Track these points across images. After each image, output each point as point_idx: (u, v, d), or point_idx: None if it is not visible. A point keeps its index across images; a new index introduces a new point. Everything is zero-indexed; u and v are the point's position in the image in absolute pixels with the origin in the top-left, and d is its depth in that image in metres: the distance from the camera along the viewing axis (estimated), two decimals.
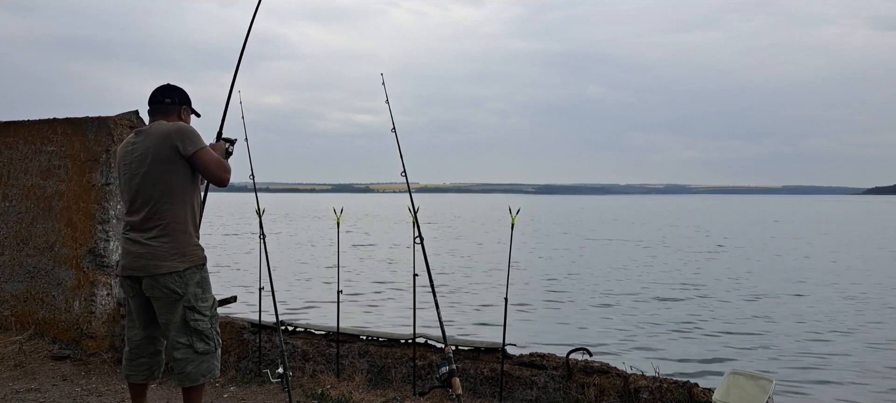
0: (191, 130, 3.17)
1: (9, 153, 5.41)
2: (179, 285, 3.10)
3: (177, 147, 3.08)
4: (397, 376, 4.53)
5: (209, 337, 3.19)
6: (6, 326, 5.33)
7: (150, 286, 3.11)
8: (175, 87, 3.32)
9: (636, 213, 68.68)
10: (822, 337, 9.50)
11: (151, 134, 3.14)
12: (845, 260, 20.84)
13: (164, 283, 3.08)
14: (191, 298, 3.14)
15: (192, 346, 3.14)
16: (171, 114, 3.26)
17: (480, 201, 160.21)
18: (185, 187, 3.15)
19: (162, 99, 3.27)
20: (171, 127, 3.15)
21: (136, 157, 3.14)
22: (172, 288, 3.09)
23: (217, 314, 3.30)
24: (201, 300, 3.18)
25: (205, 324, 3.18)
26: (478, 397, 4.32)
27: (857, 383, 7.22)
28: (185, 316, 3.13)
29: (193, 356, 3.14)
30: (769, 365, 7.84)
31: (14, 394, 4.29)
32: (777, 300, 12.86)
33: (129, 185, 3.16)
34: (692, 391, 3.90)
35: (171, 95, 3.29)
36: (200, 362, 3.16)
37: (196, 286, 3.16)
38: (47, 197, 5.25)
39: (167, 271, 3.08)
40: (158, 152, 3.09)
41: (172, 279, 3.09)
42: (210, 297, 3.24)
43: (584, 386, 4.11)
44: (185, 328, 3.14)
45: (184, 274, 3.11)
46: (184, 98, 3.33)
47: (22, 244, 5.33)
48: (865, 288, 14.72)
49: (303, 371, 4.67)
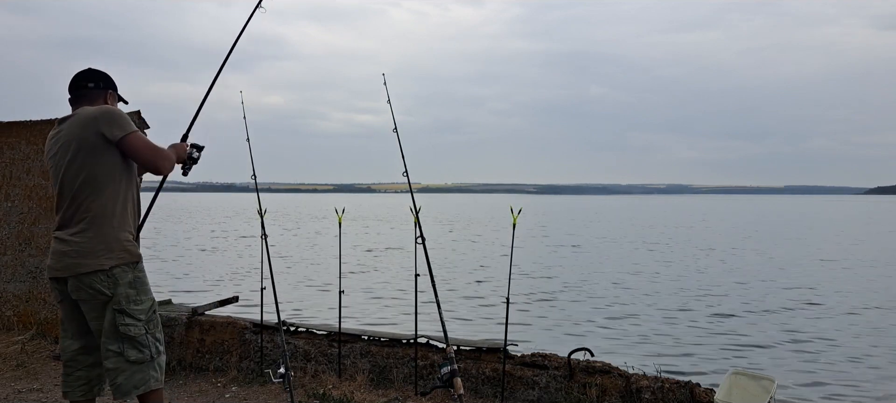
0: (118, 113, 2.87)
1: (11, 153, 5.42)
2: (107, 285, 2.79)
3: (103, 132, 2.79)
4: (399, 376, 4.53)
5: (143, 345, 2.85)
6: (8, 326, 5.34)
7: (75, 287, 2.80)
8: (98, 72, 3.03)
9: (637, 213, 68.65)
10: (823, 337, 9.48)
11: (74, 121, 2.85)
12: (848, 260, 20.80)
13: (89, 283, 2.78)
14: (121, 300, 2.82)
15: (122, 354, 2.82)
16: (96, 100, 2.97)
17: (482, 201, 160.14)
18: (113, 177, 2.84)
19: (84, 83, 2.97)
20: (95, 111, 2.85)
21: (59, 147, 2.86)
22: (98, 289, 2.79)
23: (156, 319, 2.95)
24: (134, 302, 2.85)
25: (137, 330, 2.84)
26: (479, 397, 4.32)
27: (858, 383, 7.20)
28: (114, 320, 2.81)
29: (125, 365, 2.82)
30: (771, 366, 7.83)
31: (16, 394, 4.29)
32: (778, 300, 12.84)
33: (56, 176, 2.87)
34: (694, 391, 3.89)
35: (94, 79, 2.99)
36: (133, 372, 2.83)
37: (128, 286, 2.84)
38: (49, 197, 5.26)
39: (91, 269, 2.77)
40: (82, 139, 2.80)
41: (98, 278, 2.78)
42: (146, 300, 2.91)
43: (586, 386, 4.11)
44: (114, 334, 2.81)
45: (111, 273, 2.80)
46: (109, 82, 3.03)
47: (24, 244, 5.34)
48: (869, 287, 14.70)
49: (304, 371, 4.67)
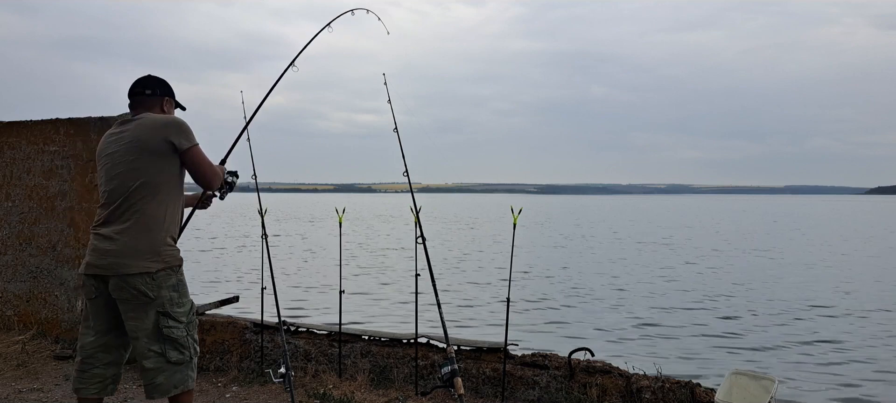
0: (186, 125, 2.97)
1: (11, 153, 5.42)
2: (151, 287, 2.85)
3: (172, 141, 2.89)
4: (400, 376, 4.53)
5: (184, 346, 2.94)
6: (9, 326, 5.34)
7: (117, 287, 2.84)
8: (156, 78, 3.11)
9: (638, 213, 68.59)
10: (824, 337, 9.48)
11: (142, 123, 2.92)
12: (851, 261, 20.78)
13: (134, 285, 2.83)
14: (165, 303, 2.89)
15: (164, 355, 2.89)
16: (154, 106, 3.06)
17: (483, 201, 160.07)
18: (170, 184, 2.94)
19: (142, 90, 3.05)
20: (165, 118, 2.95)
21: (122, 146, 2.91)
22: (142, 291, 2.84)
23: (195, 321, 3.05)
24: (177, 305, 2.93)
25: (179, 332, 2.93)
26: (480, 397, 4.32)
27: (859, 383, 7.20)
28: (158, 322, 2.89)
29: (166, 366, 2.90)
30: (772, 365, 7.82)
31: (17, 394, 4.29)
32: (781, 299, 12.83)
33: (109, 174, 2.93)
34: (695, 391, 3.89)
35: (152, 86, 3.07)
36: (173, 372, 2.91)
37: (171, 290, 2.92)
38: (50, 197, 5.26)
39: (137, 271, 2.83)
40: (148, 142, 2.87)
41: (143, 280, 2.84)
42: (187, 302, 3.00)
43: (587, 386, 4.11)
44: (157, 335, 2.89)
45: (156, 277, 2.86)
46: (166, 89, 3.12)
47: (25, 244, 5.34)
48: (871, 287, 14.68)
49: (305, 371, 4.67)
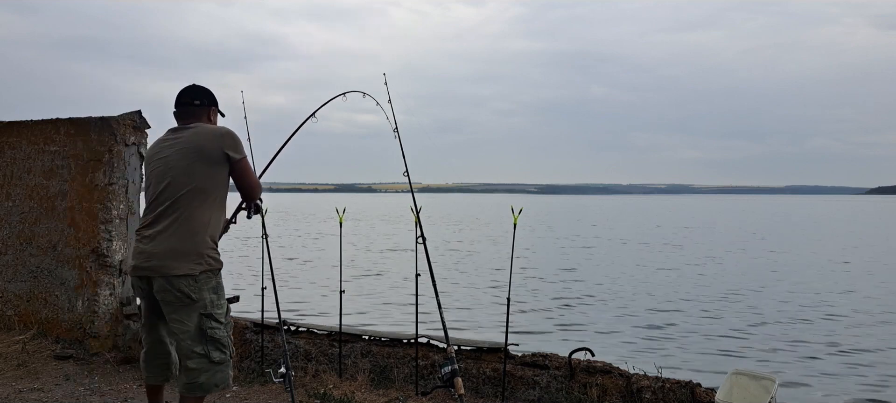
0: (238, 137, 3.11)
1: (12, 153, 5.42)
2: (193, 290, 2.96)
3: (226, 151, 3.02)
4: (400, 376, 4.53)
5: (225, 346, 3.06)
6: (9, 326, 5.34)
7: (161, 288, 2.95)
8: (202, 89, 3.22)
9: (639, 213, 68.56)
10: (825, 337, 9.47)
11: (199, 131, 3.05)
12: (852, 260, 20.77)
13: (178, 286, 2.93)
14: (206, 305, 3.00)
15: (207, 356, 3.00)
16: (202, 116, 3.18)
17: (483, 201, 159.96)
18: (217, 191, 3.06)
19: (190, 100, 3.17)
20: (222, 129, 3.10)
21: (176, 150, 3.02)
22: (186, 293, 2.94)
23: (231, 322, 3.18)
24: (217, 307, 3.04)
25: (221, 332, 3.04)
26: (480, 397, 4.32)
27: (860, 383, 7.20)
28: (201, 324, 2.99)
29: (208, 366, 3.00)
30: (772, 366, 7.82)
31: (17, 394, 4.30)
32: (780, 299, 12.82)
33: (161, 178, 3.01)
34: (695, 391, 3.89)
35: (200, 97, 3.19)
36: (214, 372, 3.02)
37: (211, 292, 3.02)
38: (50, 197, 5.26)
39: (181, 273, 2.93)
40: (205, 150, 3.00)
41: (186, 282, 2.94)
42: (224, 304, 3.11)
43: (587, 386, 4.11)
44: (201, 336, 2.99)
45: (198, 279, 2.97)
46: (212, 100, 3.24)
47: (25, 244, 5.34)
48: (872, 287, 14.68)
49: (305, 370, 4.67)
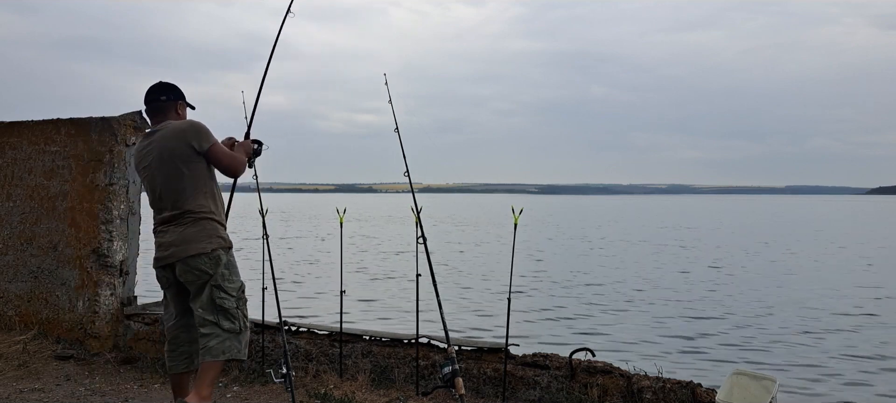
0: (203, 128, 3.29)
1: (13, 153, 5.42)
2: (209, 265, 3.22)
3: (192, 144, 3.22)
4: (400, 376, 4.53)
5: (234, 317, 3.27)
6: (10, 326, 5.35)
7: (183, 270, 3.23)
8: (168, 84, 3.42)
9: (639, 213, 68.55)
10: (825, 337, 9.47)
11: (164, 134, 3.26)
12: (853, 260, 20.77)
13: (195, 265, 3.20)
14: (218, 278, 3.25)
15: (218, 324, 3.23)
16: (169, 111, 3.37)
17: (483, 201, 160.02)
18: (203, 179, 3.28)
19: (157, 97, 3.37)
20: (184, 125, 3.30)
21: (154, 157, 3.25)
22: (203, 270, 3.21)
23: (245, 298, 3.38)
24: (228, 281, 3.28)
25: (230, 303, 3.26)
26: (481, 397, 4.32)
27: (860, 383, 7.19)
28: (212, 294, 3.23)
29: (219, 332, 3.22)
30: (773, 366, 7.81)
31: (18, 394, 4.30)
32: (781, 299, 12.82)
33: (153, 185, 3.29)
34: (696, 391, 3.89)
35: (165, 92, 3.38)
36: (224, 338, 3.23)
37: (223, 267, 3.27)
38: (51, 197, 5.26)
39: (196, 252, 3.20)
40: (175, 151, 3.21)
41: (202, 260, 3.21)
42: (237, 281, 3.34)
43: (588, 386, 4.11)
44: (212, 306, 3.24)
45: (212, 255, 3.23)
46: (178, 94, 3.42)
47: (26, 244, 5.34)
48: (873, 287, 14.67)
49: (306, 371, 4.67)
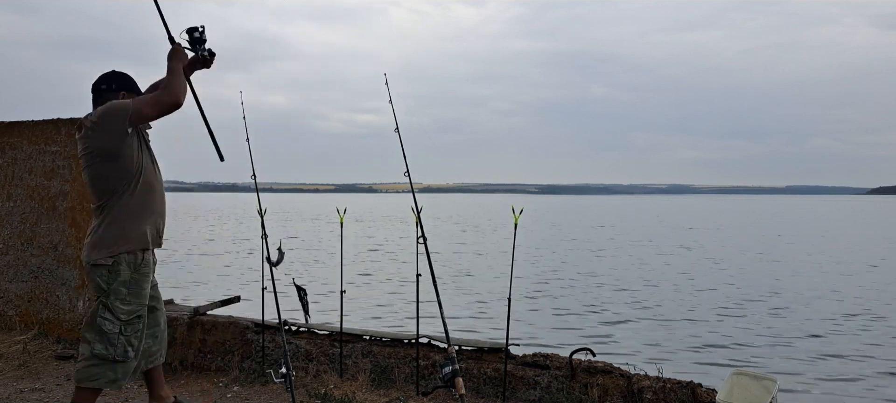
0: (109, 106, 2.96)
1: (13, 153, 5.42)
2: (105, 280, 2.90)
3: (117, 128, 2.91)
4: (401, 376, 4.53)
5: (112, 344, 2.89)
6: (10, 326, 5.35)
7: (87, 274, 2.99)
8: (115, 73, 3.19)
9: (639, 213, 68.56)
10: (826, 337, 9.47)
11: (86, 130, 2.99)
12: (854, 260, 20.76)
13: (91, 276, 2.94)
14: (112, 295, 2.91)
15: (90, 344, 2.91)
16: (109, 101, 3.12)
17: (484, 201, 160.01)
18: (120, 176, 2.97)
19: (99, 86, 3.15)
20: (96, 117, 2.98)
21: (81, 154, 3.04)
22: (97, 283, 2.92)
23: (139, 328, 3.00)
24: (123, 301, 2.93)
25: (111, 327, 2.90)
26: (481, 397, 4.32)
27: (861, 383, 7.20)
28: (96, 310, 2.92)
29: (89, 355, 2.90)
30: (773, 366, 7.82)
31: (18, 394, 4.30)
32: (781, 300, 12.82)
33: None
34: (696, 391, 3.89)
35: (108, 82, 3.16)
36: (90, 365, 2.89)
37: (121, 285, 2.94)
38: (51, 197, 5.26)
39: (93, 262, 2.91)
40: (94, 144, 2.96)
41: (98, 272, 2.91)
42: (135, 305, 2.98)
43: (588, 387, 4.11)
44: (92, 322, 2.92)
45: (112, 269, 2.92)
46: (123, 83, 3.16)
47: (26, 244, 5.34)
48: (874, 287, 14.67)
49: (306, 371, 4.67)
